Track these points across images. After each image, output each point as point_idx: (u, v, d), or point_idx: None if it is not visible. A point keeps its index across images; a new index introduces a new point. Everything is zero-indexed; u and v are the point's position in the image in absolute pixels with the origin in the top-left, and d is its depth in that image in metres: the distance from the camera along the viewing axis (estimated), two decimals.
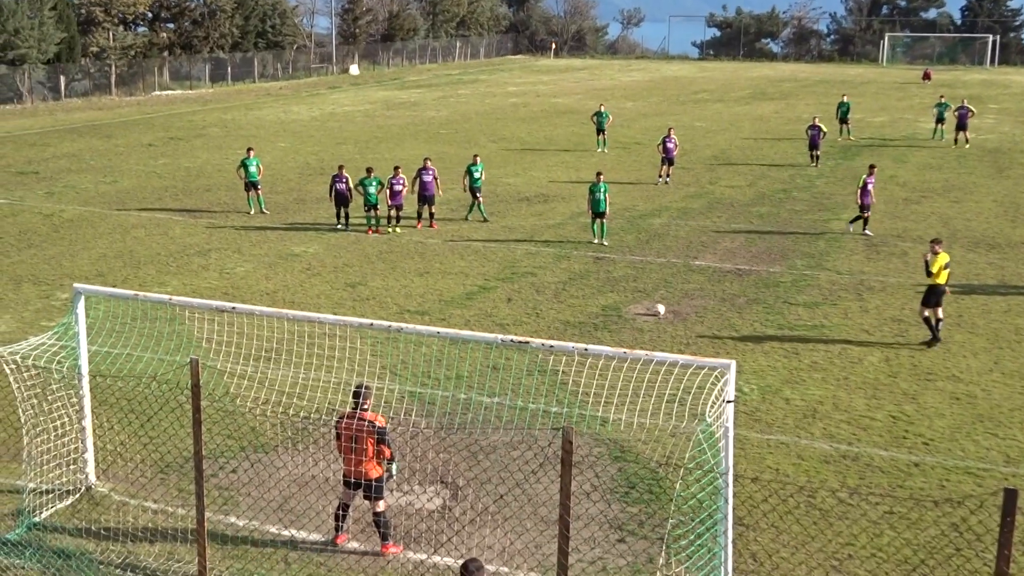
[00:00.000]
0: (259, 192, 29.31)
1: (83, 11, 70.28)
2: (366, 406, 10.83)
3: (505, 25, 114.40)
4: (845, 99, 45.37)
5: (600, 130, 41.51)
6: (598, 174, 25.65)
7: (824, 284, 21.98)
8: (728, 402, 9.49)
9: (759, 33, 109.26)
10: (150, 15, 75.70)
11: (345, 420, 10.81)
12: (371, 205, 26.49)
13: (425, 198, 27.05)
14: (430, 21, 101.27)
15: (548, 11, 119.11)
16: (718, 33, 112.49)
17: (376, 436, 10.72)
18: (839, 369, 16.84)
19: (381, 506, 10.98)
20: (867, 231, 26.34)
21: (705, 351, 17.45)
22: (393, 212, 26.64)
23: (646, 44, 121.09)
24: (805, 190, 32.97)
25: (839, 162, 38.57)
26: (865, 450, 13.71)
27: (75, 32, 67.99)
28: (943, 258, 17.91)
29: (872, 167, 27.34)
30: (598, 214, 25.12)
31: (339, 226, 26.99)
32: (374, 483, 10.82)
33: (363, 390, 10.86)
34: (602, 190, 24.84)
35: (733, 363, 9.64)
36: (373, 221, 26.72)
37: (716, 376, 9.78)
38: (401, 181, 26.49)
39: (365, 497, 10.96)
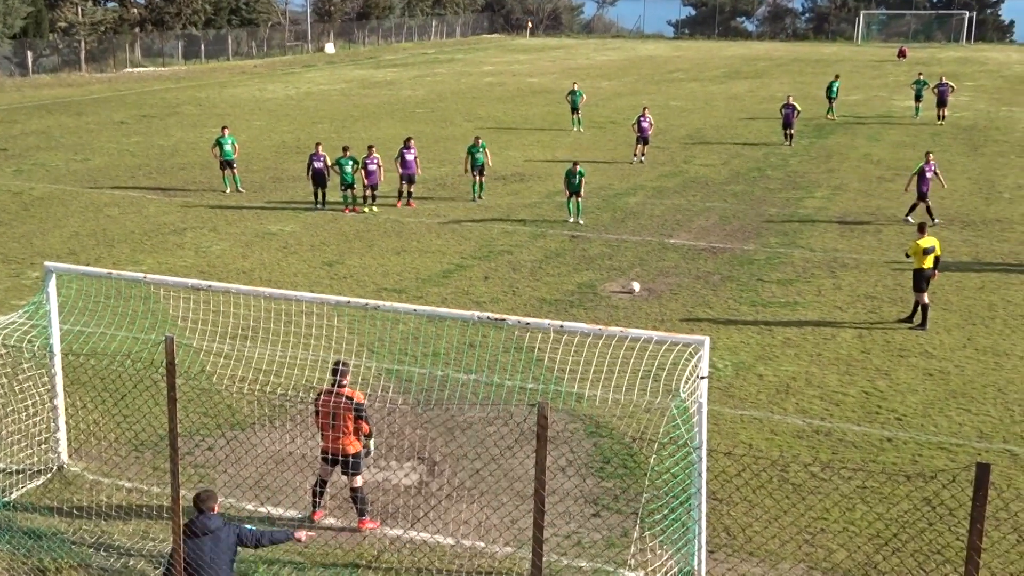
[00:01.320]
0: (235, 171, 29.07)
1: None
2: (344, 383, 10.83)
3: (481, 4, 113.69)
4: (836, 80, 45.50)
5: (575, 109, 41.43)
6: (574, 163, 25.22)
7: (797, 261, 22.11)
8: (702, 378, 9.54)
9: (734, 12, 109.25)
10: None
11: (324, 396, 10.79)
12: (347, 184, 26.33)
13: (406, 176, 27.00)
14: (406, 0, 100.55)
15: None
16: (693, 12, 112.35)
17: (355, 412, 10.72)
18: (812, 345, 16.97)
19: (358, 482, 10.99)
20: (935, 219, 25.01)
21: (679, 328, 17.53)
22: (368, 192, 26.52)
23: (621, 23, 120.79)
24: (779, 168, 33.10)
25: (813, 141, 38.73)
26: (838, 425, 13.83)
27: (42, 6, 66.97)
28: (925, 242, 17.75)
29: (928, 154, 25.64)
30: (573, 191, 25.02)
31: (317, 206, 26.79)
32: (352, 459, 10.83)
33: (341, 367, 10.87)
34: (579, 175, 24.75)
35: (707, 339, 9.68)
36: (350, 200, 26.56)
37: (690, 352, 9.83)
38: (375, 160, 26.34)
39: (343, 473, 10.96)
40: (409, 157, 26.90)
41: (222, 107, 48.97)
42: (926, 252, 17.70)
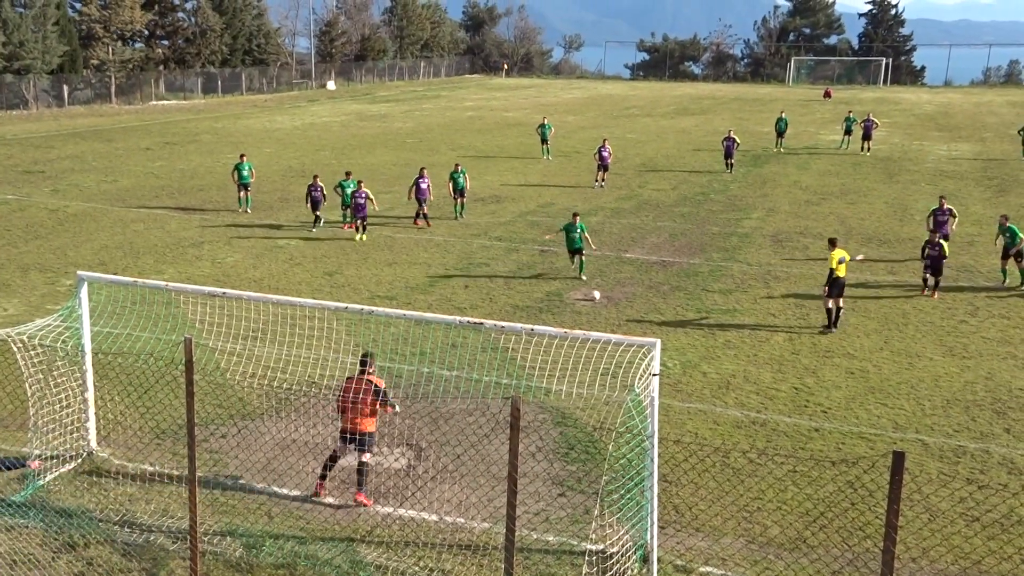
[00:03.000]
0: (249, 193, 28.75)
1: (84, 27, 68.56)
2: (371, 370, 11.02)
3: (463, 48, 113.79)
4: (783, 115, 45.41)
5: (544, 140, 41.46)
6: (575, 215, 21.88)
7: (736, 274, 22.20)
8: (654, 375, 9.54)
9: (683, 57, 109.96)
10: (146, 32, 74.07)
11: (348, 382, 11.02)
12: (348, 204, 25.94)
13: (422, 200, 26.52)
14: (398, 43, 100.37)
15: (500, 36, 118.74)
16: (647, 56, 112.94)
17: (375, 395, 10.87)
18: (749, 347, 17.03)
19: (367, 457, 11.06)
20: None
21: (634, 331, 17.53)
22: (359, 223, 24.93)
23: (585, 66, 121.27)
24: (721, 193, 33.27)
25: (749, 169, 38.96)
26: (772, 417, 13.88)
27: (77, 46, 66.32)
28: (838, 254, 17.98)
29: (941, 198, 23.28)
30: (574, 250, 21.52)
31: (313, 229, 26.27)
32: (367, 437, 10.94)
33: (368, 356, 11.12)
34: (579, 229, 21.36)
35: (658, 341, 9.68)
36: (349, 218, 26.34)
37: (643, 353, 9.82)
38: (363, 194, 24.79)
39: (357, 449, 10.99)
40: (424, 185, 26.43)
41: (236, 136, 48.61)
42: (840, 261, 17.85)
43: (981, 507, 11.12)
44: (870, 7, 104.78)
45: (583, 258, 21.67)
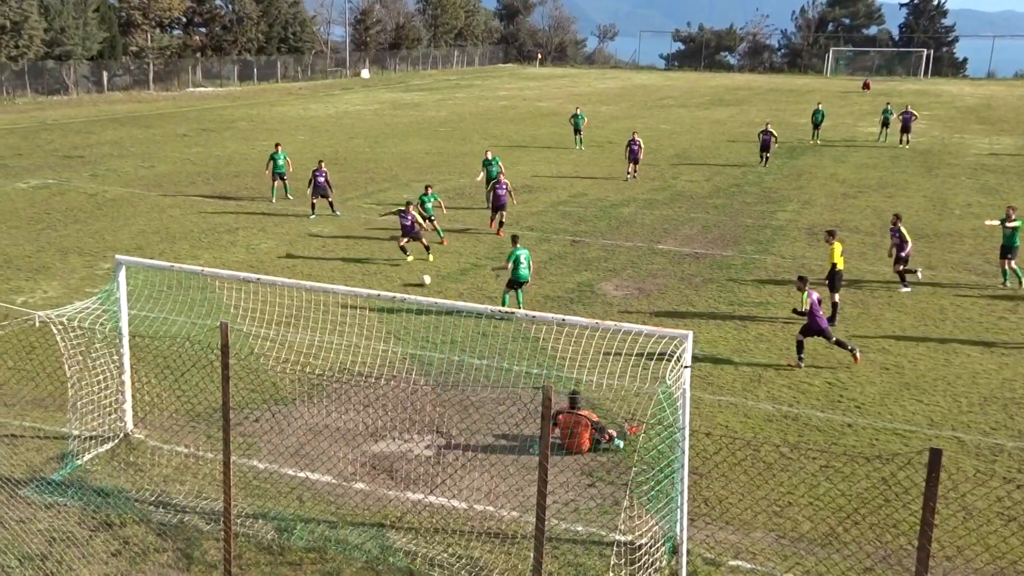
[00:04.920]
0: (285, 182, 28.57)
1: (123, 14, 69.38)
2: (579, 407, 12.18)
3: (497, 37, 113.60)
4: (820, 107, 44.94)
5: (577, 130, 41.28)
6: (514, 238, 18.44)
7: (770, 267, 21.98)
8: (685, 367, 9.48)
9: (718, 47, 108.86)
10: (184, 20, 74.79)
11: (562, 416, 12.05)
12: (426, 217, 22.88)
13: (498, 207, 24.74)
14: (432, 32, 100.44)
15: (535, 25, 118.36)
16: (682, 46, 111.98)
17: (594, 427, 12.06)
18: (782, 340, 16.86)
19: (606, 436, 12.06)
20: (909, 282, 20.30)
21: (665, 323, 17.44)
22: (407, 241, 21.76)
23: (619, 56, 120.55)
24: (755, 185, 32.94)
25: (785, 161, 38.52)
26: (804, 411, 13.75)
27: (116, 32, 67.15)
28: (839, 246, 17.70)
29: (896, 216, 20.49)
30: (517, 283, 18.07)
31: (312, 215, 25.91)
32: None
33: (576, 394, 12.42)
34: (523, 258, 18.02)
35: (690, 334, 9.61)
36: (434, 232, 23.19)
37: (675, 344, 9.76)
38: (410, 216, 21.44)
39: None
40: (501, 191, 24.57)
41: (271, 123, 48.97)
42: (840, 253, 17.66)
43: (1019, 506, 10.93)
44: None
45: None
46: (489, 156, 27.99)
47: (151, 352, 14.74)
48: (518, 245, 18.08)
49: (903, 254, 19.76)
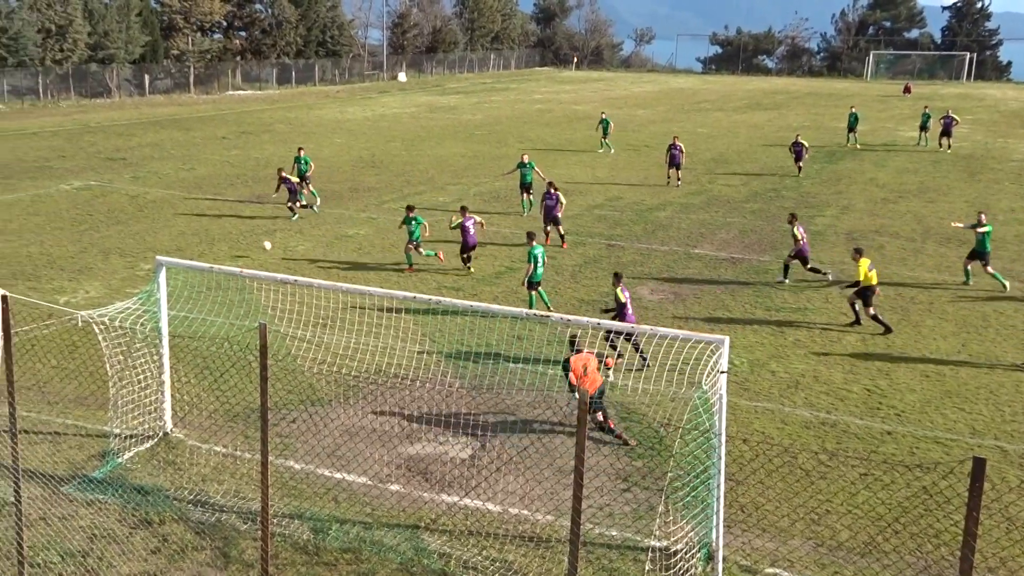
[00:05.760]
0: (309, 186, 28.33)
1: (165, 18, 70.54)
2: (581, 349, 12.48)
3: (533, 40, 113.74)
4: (854, 110, 44.54)
5: (605, 134, 41.29)
6: (530, 235, 18.65)
7: (808, 272, 21.71)
8: (722, 372, 9.40)
9: (756, 50, 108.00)
10: (225, 24, 75.84)
11: (575, 356, 12.37)
12: (414, 242, 21.46)
13: (552, 218, 23.67)
14: (468, 35, 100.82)
15: (571, 29, 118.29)
16: (720, 50, 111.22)
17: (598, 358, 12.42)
18: (819, 346, 16.67)
19: (600, 416, 12.42)
20: (786, 279, 20.79)
21: (701, 328, 17.31)
22: (468, 253, 21.13)
23: (656, 59, 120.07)
24: (793, 189, 32.60)
25: (824, 165, 38.09)
26: (842, 418, 13.56)
27: (158, 36, 68.29)
28: (866, 262, 17.36)
29: (793, 215, 21.15)
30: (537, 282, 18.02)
31: (295, 216, 26.08)
32: (594, 398, 12.17)
33: (575, 338, 12.75)
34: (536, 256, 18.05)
35: (727, 339, 9.53)
36: (412, 260, 21.70)
37: (711, 349, 9.69)
38: (472, 219, 21.15)
39: (595, 409, 12.28)
40: (550, 203, 23.54)
41: (309, 126, 49.45)
42: (871, 269, 17.38)
43: None
44: (955, 0, 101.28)
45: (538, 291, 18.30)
46: (525, 160, 28.02)
47: (190, 352, 14.94)
48: (535, 243, 18.13)
49: (802, 251, 20.36)
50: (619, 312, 15.28)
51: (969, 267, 20.62)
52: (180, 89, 68.76)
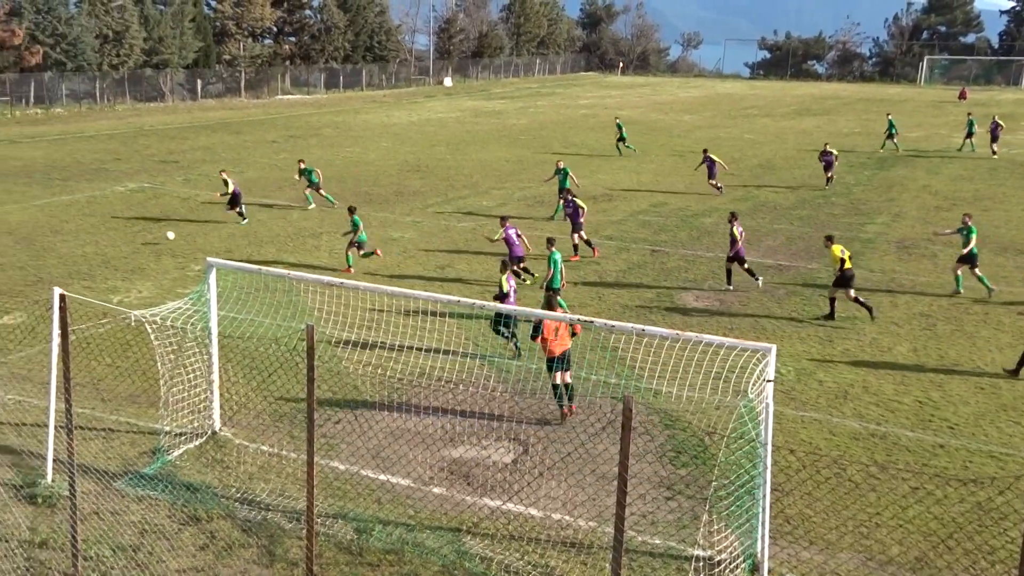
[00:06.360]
0: (321, 192, 28.29)
1: (218, 24, 71.86)
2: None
3: (579, 45, 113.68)
4: (890, 117, 44.29)
5: (621, 139, 41.28)
6: (550, 240, 18.67)
7: (858, 281, 21.29)
8: (768, 381, 9.29)
9: (806, 55, 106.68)
10: (275, 29, 77.03)
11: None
12: (359, 244, 21.56)
13: (576, 225, 23.05)
14: (514, 41, 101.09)
15: (617, 33, 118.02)
16: (768, 55, 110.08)
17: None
18: (869, 356, 16.37)
19: (569, 377, 13.09)
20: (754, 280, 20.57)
21: (747, 335, 17.12)
22: (519, 264, 20.26)
23: (703, 64, 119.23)
24: (843, 196, 32.10)
25: (875, 172, 37.47)
26: (892, 430, 13.30)
27: (211, 42, 69.58)
28: (838, 249, 18.11)
29: (734, 214, 20.63)
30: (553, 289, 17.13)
31: (244, 220, 26.27)
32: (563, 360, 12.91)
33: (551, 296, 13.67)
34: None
35: (774, 347, 9.42)
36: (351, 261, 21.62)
37: (757, 358, 9.57)
38: (515, 229, 20.31)
39: (565, 370, 12.97)
40: (568, 210, 23.35)
41: (355, 130, 49.96)
42: (842, 252, 18.05)
43: None
44: (1014, 4, 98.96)
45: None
46: (560, 166, 28.08)
47: (239, 352, 15.17)
48: (554, 248, 18.24)
49: (738, 251, 20.17)
50: (502, 300, 15.74)
51: (959, 272, 20.39)
52: (231, 93, 69.95)
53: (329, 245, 24.05)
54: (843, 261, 18.01)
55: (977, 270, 20.03)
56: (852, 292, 18.08)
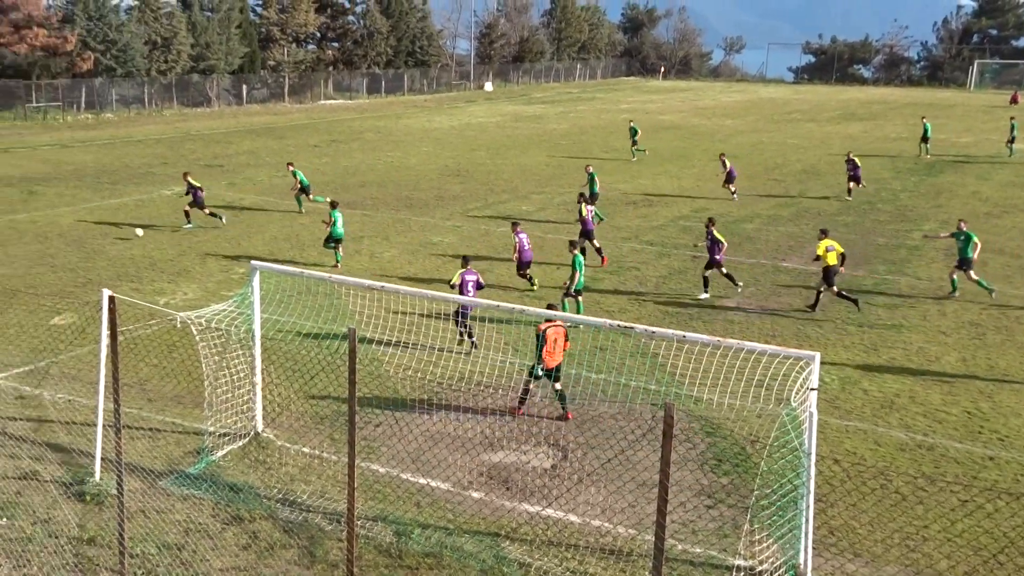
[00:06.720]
0: (310, 196, 28.38)
1: (263, 30, 72.86)
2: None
3: (620, 50, 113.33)
4: (924, 121, 43.86)
5: (634, 142, 41.06)
6: (572, 243, 18.61)
7: (904, 288, 21.01)
8: (812, 389, 9.16)
9: (851, 59, 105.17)
10: (319, 35, 77.89)
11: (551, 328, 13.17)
12: (335, 239, 22.22)
13: (587, 233, 22.77)
14: (555, 45, 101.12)
15: (659, 38, 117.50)
16: (813, 59, 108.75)
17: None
18: (916, 366, 16.07)
19: (559, 386, 13.47)
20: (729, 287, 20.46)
21: (789, 343, 16.90)
22: (526, 271, 20.36)
23: (746, 68, 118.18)
24: (889, 203, 31.58)
25: (923, 178, 36.81)
26: (940, 441, 13.04)
27: (256, 48, 70.57)
28: (826, 243, 18.88)
29: (711, 220, 20.33)
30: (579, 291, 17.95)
31: (188, 224, 26.03)
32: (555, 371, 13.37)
33: (554, 305, 13.81)
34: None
35: (817, 355, 9.28)
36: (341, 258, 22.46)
37: (801, 366, 9.45)
38: (524, 234, 20.15)
39: (556, 379, 13.37)
40: (585, 214, 22.79)
41: (397, 135, 50.31)
42: (828, 250, 18.68)
43: None
44: None
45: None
46: (590, 170, 28.08)
47: (281, 354, 15.34)
48: (577, 251, 18.25)
49: (717, 257, 19.92)
50: (459, 293, 16.25)
51: (955, 276, 20.36)
52: (275, 98, 70.88)
53: (370, 249, 24.25)
54: (826, 256, 18.74)
55: (972, 273, 20.00)
56: (832, 289, 18.78)
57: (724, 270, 20.14)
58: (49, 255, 23.11)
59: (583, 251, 21.70)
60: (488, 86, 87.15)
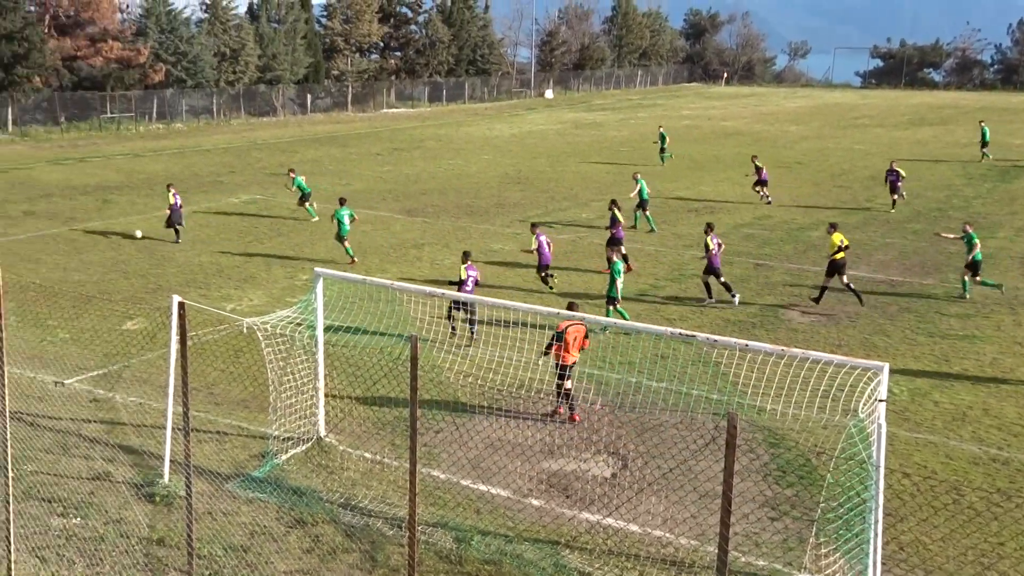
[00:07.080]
0: (307, 205, 28.75)
1: (327, 40, 74.13)
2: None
3: (682, 56, 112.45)
4: (983, 125, 43.12)
5: (662, 148, 40.67)
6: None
7: (977, 297, 20.37)
8: (880, 401, 8.93)
9: (921, 63, 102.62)
10: (382, 44, 78.96)
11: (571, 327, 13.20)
12: (341, 237, 23.36)
13: (614, 240, 22.88)
14: (616, 52, 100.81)
15: (722, 44, 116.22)
16: (881, 63, 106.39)
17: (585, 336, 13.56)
18: (990, 378, 15.56)
19: (569, 384, 13.46)
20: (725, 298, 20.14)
21: (856, 353, 16.51)
22: (545, 272, 20.98)
23: (811, 74, 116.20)
24: (961, 210, 30.67)
25: (996, 184, 35.68)
26: (1016, 456, 12.59)
27: (320, 58, 71.84)
28: (837, 238, 19.26)
29: (710, 225, 20.65)
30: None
31: (178, 240, 25.86)
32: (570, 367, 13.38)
33: (573, 304, 13.81)
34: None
35: (886, 365, 9.05)
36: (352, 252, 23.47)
37: (868, 376, 9.21)
38: (544, 236, 20.94)
39: (567, 377, 13.33)
40: (611, 225, 23.01)
41: (457, 143, 50.67)
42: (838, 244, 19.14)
43: None
44: None
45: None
46: (637, 177, 27.86)
47: (344, 360, 15.54)
48: (617, 258, 18.48)
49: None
50: (459, 287, 16.97)
51: (966, 278, 20.14)
52: (338, 108, 72.03)
53: (431, 256, 24.44)
54: (839, 249, 18.89)
55: (979, 277, 19.91)
56: (827, 280, 19.06)
57: (722, 278, 19.95)
58: (122, 262, 23.82)
59: (624, 258, 21.87)
60: (548, 93, 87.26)
